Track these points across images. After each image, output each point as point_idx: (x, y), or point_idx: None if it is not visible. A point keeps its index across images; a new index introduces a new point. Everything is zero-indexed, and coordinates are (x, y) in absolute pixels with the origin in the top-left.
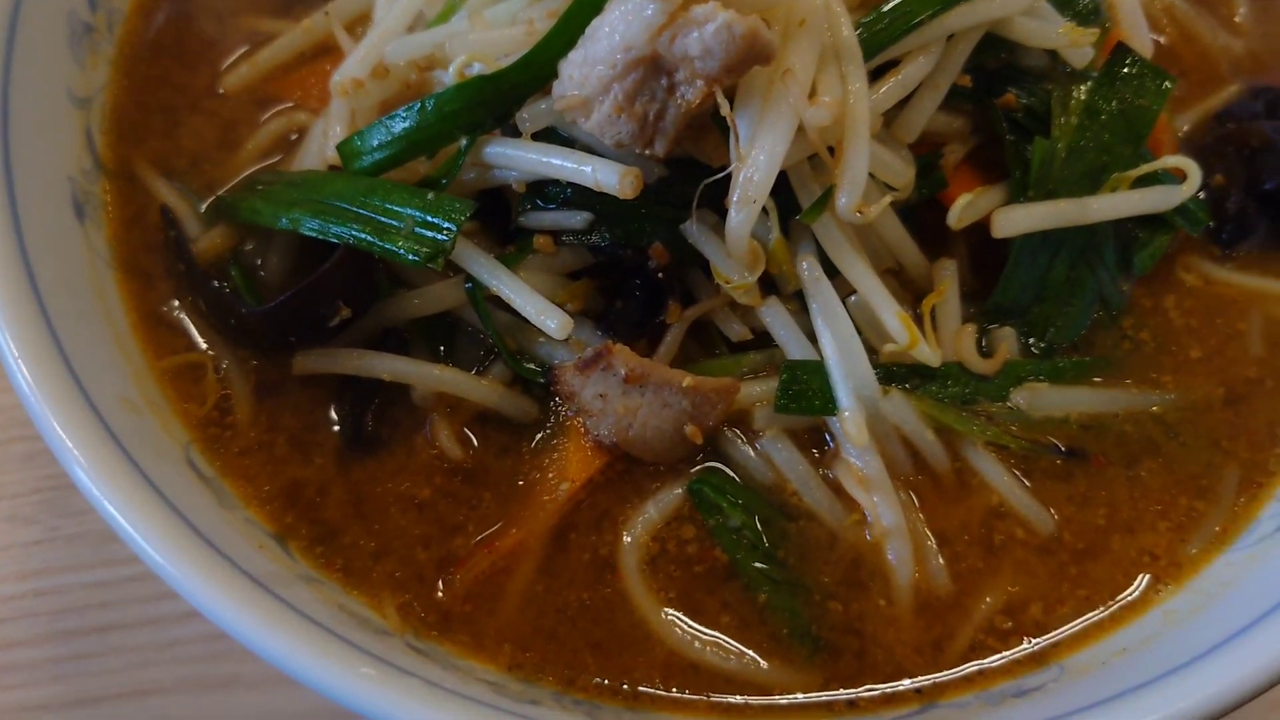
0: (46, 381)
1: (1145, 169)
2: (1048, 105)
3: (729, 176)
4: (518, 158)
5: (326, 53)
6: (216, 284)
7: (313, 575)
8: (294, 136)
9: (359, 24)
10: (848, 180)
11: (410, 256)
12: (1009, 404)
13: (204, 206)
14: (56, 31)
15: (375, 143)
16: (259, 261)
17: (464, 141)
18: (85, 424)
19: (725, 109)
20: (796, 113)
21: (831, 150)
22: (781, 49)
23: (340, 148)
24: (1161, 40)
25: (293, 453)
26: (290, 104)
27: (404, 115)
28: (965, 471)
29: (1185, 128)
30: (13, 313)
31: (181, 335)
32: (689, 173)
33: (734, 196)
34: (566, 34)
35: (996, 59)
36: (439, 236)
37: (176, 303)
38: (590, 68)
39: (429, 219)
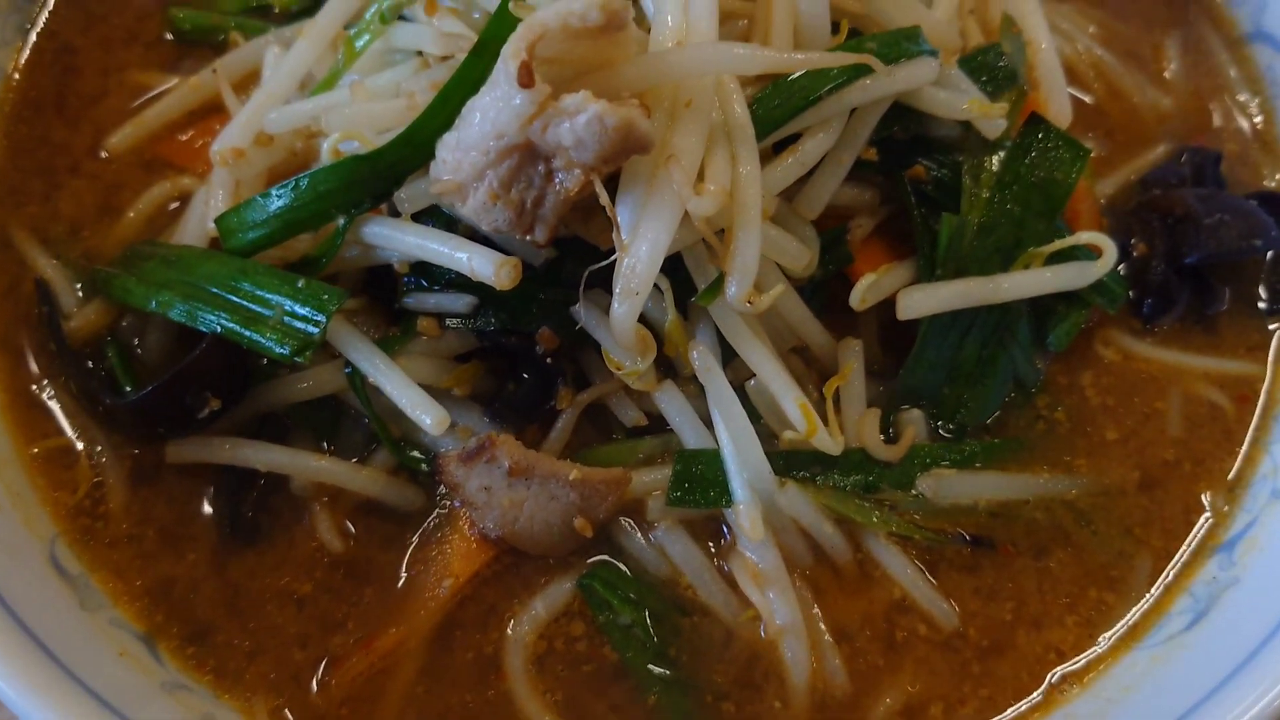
0: None
1: (1060, 245)
2: (959, 177)
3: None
4: (396, 239)
5: (217, 111)
6: (90, 365)
7: (181, 681)
8: (175, 205)
9: (250, 81)
10: (737, 269)
11: (277, 349)
12: (914, 491)
13: (82, 279)
14: None
15: (252, 220)
16: (136, 340)
17: (341, 221)
18: None
19: (604, 199)
20: (681, 200)
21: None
22: (666, 131)
23: (218, 222)
24: (1088, 99)
25: (166, 545)
26: (177, 167)
27: (279, 193)
28: (867, 563)
29: (1109, 191)
30: None
31: (53, 418)
32: (579, 252)
33: (616, 288)
34: (444, 112)
35: (905, 130)
36: (308, 329)
37: (49, 383)
38: (464, 153)
39: (298, 309)
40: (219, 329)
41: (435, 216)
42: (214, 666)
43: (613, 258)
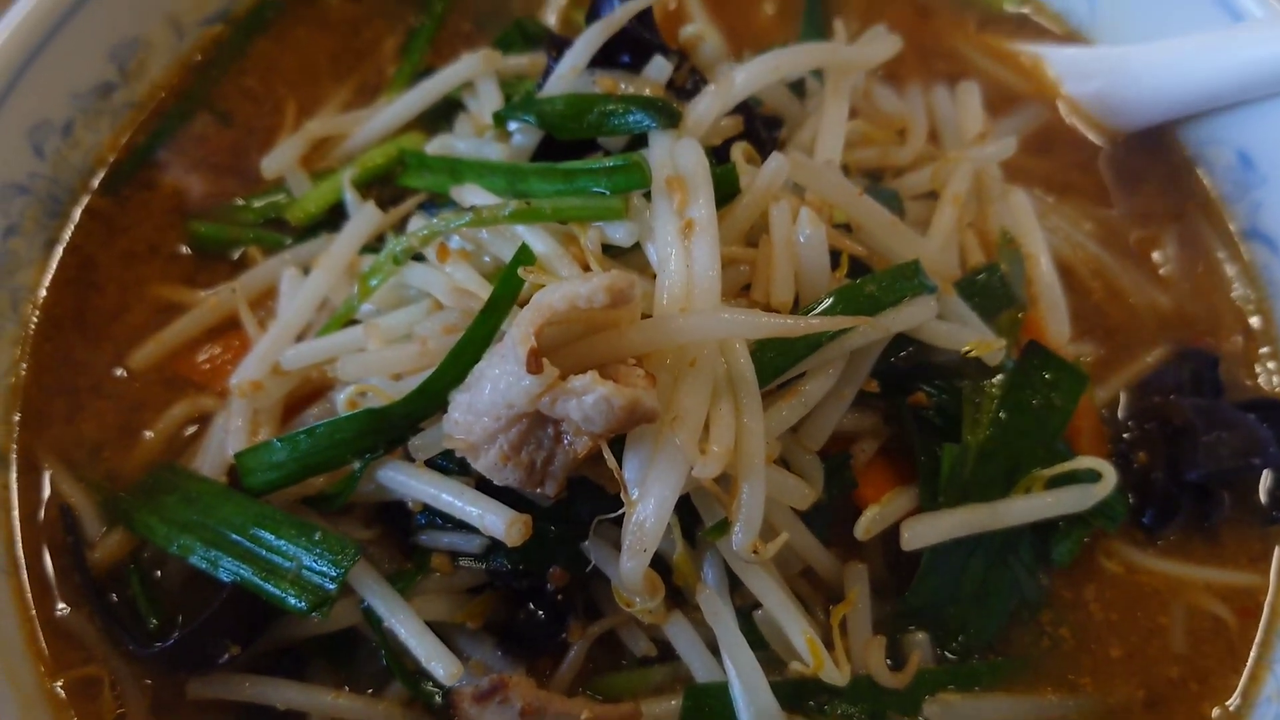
0: None
1: (1060, 469)
2: (960, 403)
3: None
4: (410, 486)
5: (236, 326)
6: (113, 597)
7: None
8: (192, 430)
9: (268, 297)
10: (742, 520)
11: (295, 603)
12: (921, 718)
13: (104, 504)
14: None
15: (270, 461)
16: (158, 571)
17: (357, 465)
18: None
19: (611, 463)
20: (686, 461)
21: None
22: (672, 391)
23: (238, 459)
24: (1087, 300)
25: None
26: (196, 385)
27: (297, 439)
28: None
29: (1109, 395)
30: None
31: (78, 646)
32: (588, 493)
33: (625, 543)
34: (456, 368)
35: (906, 359)
36: (324, 584)
37: (73, 610)
38: (476, 417)
39: (315, 564)
40: (238, 579)
41: (448, 457)
42: None
43: (621, 511)
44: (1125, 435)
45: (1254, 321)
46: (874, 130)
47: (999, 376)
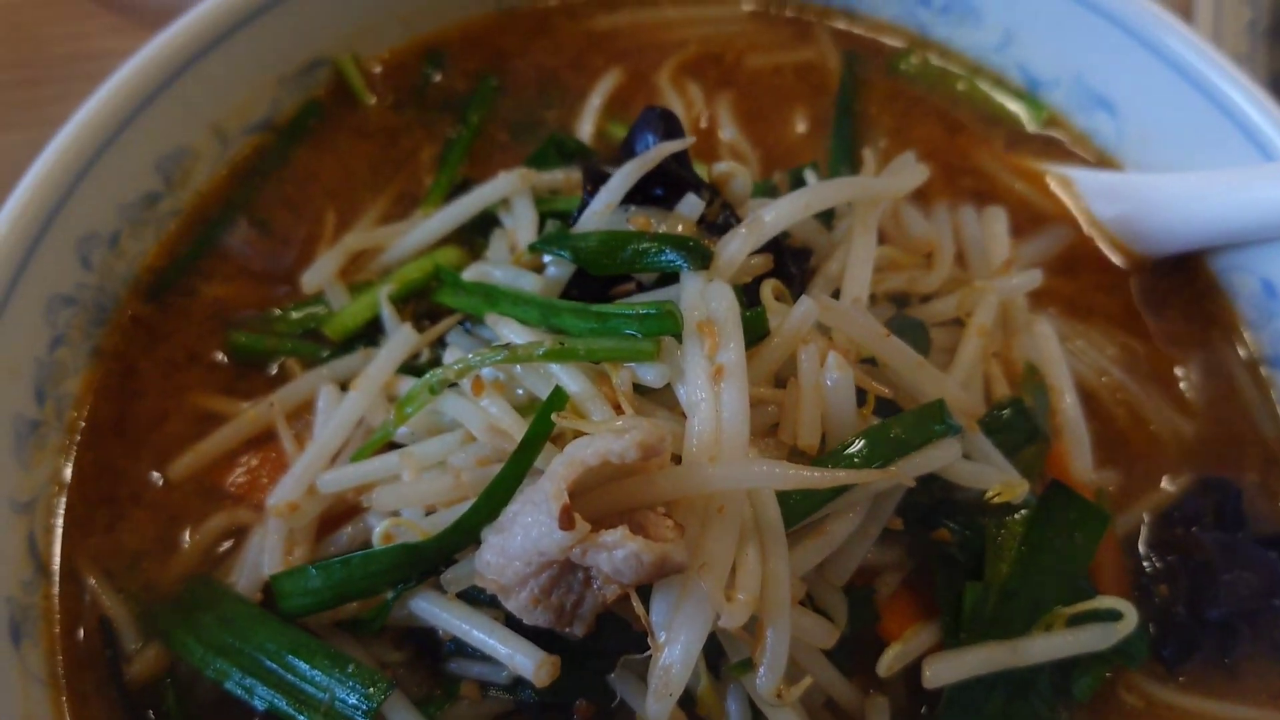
0: None
1: (1081, 608)
2: (982, 539)
3: None
4: (441, 618)
5: (272, 438)
6: (150, 716)
7: None
8: (227, 545)
9: (305, 410)
10: (767, 662)
11: None
12: None
13: (141, 615)
14: (1, 442)
15: (306, 587)
16: (194, 683)
17: (390, 595)
18: None
19: (639, 610)
20: (712, 608)
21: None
22: (699, 537)
23: (274, 581)
24: (1113, 424)
25: None
26: (234, 497)
27: (332, 568)
28: None
29: (1131, 525)
30: None
31: None
32: (616, 627)
33: (651, 686)
34: (489, 506)
35: (929, 495)
36: (356, 718)
37: None
38: (507, 560)
39: (348, 697)
40: (271, 708)
41: (480, 589)
42: None
43: (647, 653)
44: (1147, 567)
45: (1278, 450)
46: (901, 255)
47: (1021, 513)
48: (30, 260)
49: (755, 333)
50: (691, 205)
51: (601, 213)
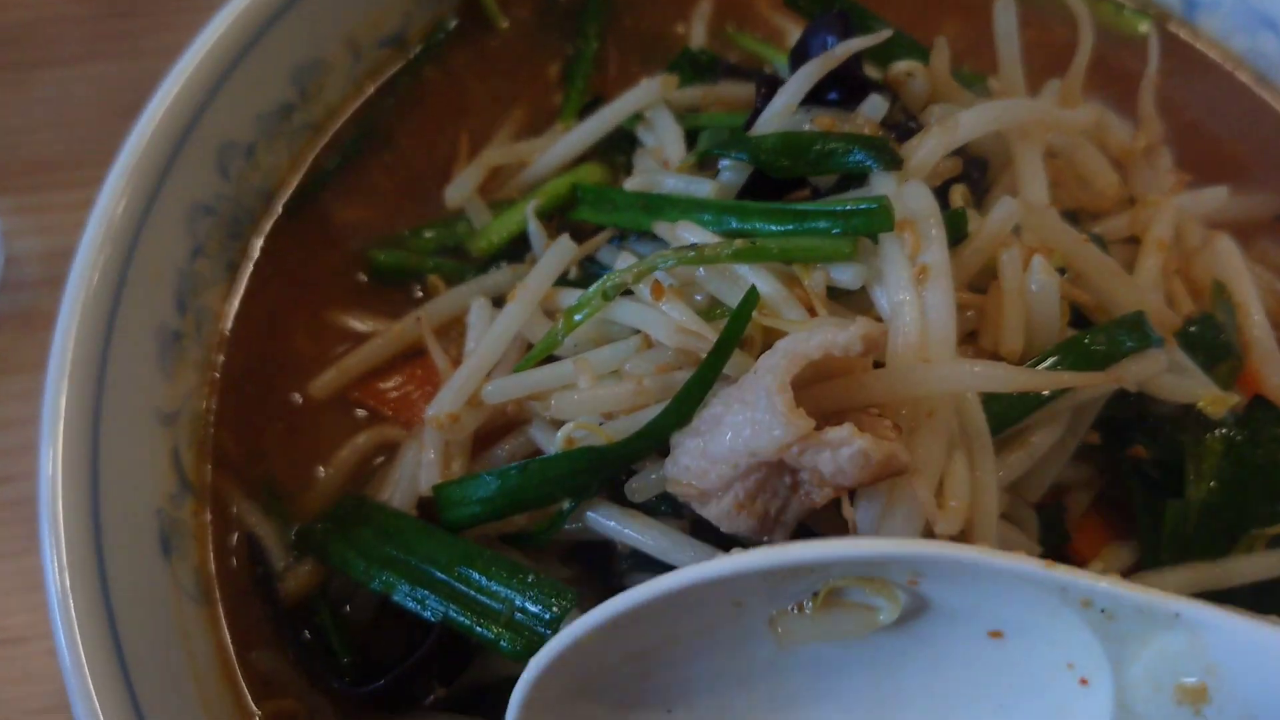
0: None
1: None
2: (1180, 457)
3: None
4: (620, 532)
5: (418, 355)
6: (306, 635)
7: None
8: (380, 460)
9: (452, 327)
10: None
11: (509, 648)
12: None
13: (290, 534)
14: (146, 350)
15: (476, 495)
16: (347, 601)
17: (567, 504)
18: None
19: (849, 513)
20: (923, 516)
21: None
22: (910, 444)
23: (438, 491)
24: None
25: None
26: (379, 415)
27: (507, 475)
28: None
29: None
30: (100, 690)
31: (271, 682)
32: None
33: None
34: (681, 412)
35: (1126, 410)
36: (540, 629)
37: (266, 645)
38: (710, 463)
39: (529, 606)
40: (447, 620)
41: (663, 500)
42: None
43: None
44: None
45: None
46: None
47: (1221, 431)
48: (174, 164)
49: (954, 235)
50: (875, 106)
51: (781, 114)
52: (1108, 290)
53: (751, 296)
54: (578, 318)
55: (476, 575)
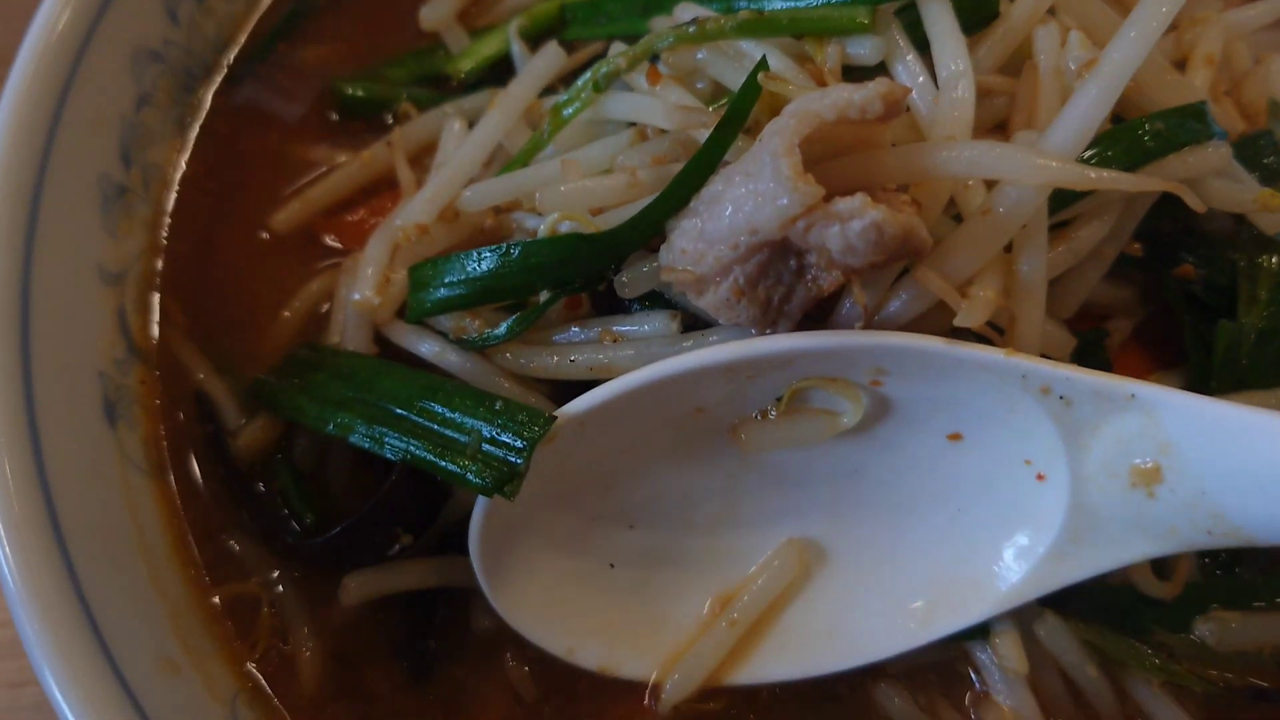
0: (69, 656)
1: None
2: (1232, 278)
3: None
4: None
5: (389, 187)
6: (261, 488)
7: None
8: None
9: (425, 155)
10: None
11: (478, 481)
12: (1192, 635)
13: (244, 389)
14: (86, 200)
15: (449, 277)
16: (308, 462)
17: (545, 295)
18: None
19: (859, 297)
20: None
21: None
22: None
23: (412, 270)
24: None
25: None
26: (345, 251)
27: (486, 257)
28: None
29: None
30: (31, 572)
31: (228, 557)
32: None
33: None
34: (679, 196)
35: (1173, 221)
36: (510, 458)
37: (220, 510)
38: (708, 245)
39: (498, 435)
40: (409, 457)
41: (656, 301)
42: None
43: None
44: None
45: None
46: None
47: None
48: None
49: (982, 14)
50: None
51: None
52: (1155, 84)
53: (761, 66)
54: (567, 113)
55: (439, 408)
